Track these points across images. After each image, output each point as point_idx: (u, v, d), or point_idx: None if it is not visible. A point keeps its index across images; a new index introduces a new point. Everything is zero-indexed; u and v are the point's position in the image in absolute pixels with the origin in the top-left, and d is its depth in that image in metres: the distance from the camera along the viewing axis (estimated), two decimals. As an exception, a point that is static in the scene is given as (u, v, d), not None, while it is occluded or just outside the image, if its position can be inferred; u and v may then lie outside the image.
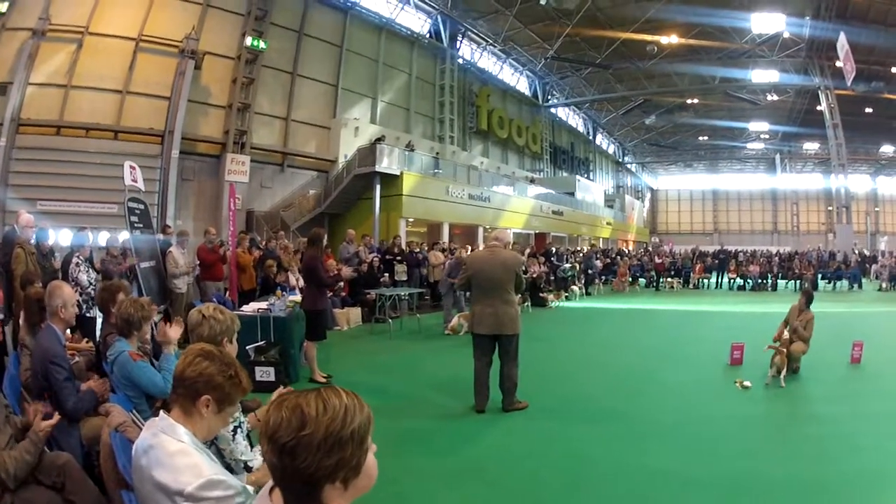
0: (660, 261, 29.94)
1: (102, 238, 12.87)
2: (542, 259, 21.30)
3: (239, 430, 2.94)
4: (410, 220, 26.03)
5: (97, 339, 5.86)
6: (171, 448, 2.20)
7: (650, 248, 44.07)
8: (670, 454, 5.80)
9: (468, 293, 8.87)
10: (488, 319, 6.96)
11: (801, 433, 6.60)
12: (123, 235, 11.76)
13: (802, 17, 34.34)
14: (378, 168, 24.36)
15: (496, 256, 7.14)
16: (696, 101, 50.33)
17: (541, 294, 19.34)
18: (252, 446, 3.02)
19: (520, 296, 8.57)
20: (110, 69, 21.33)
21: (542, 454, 5.82)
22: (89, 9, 20.78)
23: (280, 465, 1.40)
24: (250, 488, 2.28)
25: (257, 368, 7.77)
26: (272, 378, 7.69)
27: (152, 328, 4.97)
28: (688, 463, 5.57)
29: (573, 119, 55.65)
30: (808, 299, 9.60)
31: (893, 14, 32.30)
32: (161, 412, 2.40)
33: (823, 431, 6.56)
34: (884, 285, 28.05)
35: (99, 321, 6.50)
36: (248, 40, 23.74)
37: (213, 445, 2.81)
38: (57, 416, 3.38)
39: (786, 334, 9.10)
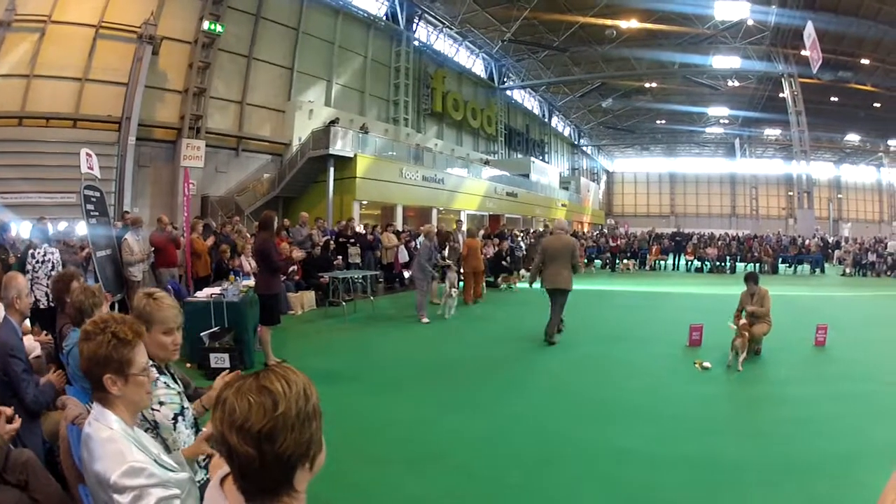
0: (615, 243, 30.52)
1: (62, 228, 12.92)
2: (497, 241, 21.49)
3: (180, 418, 2.89)
4: (364, 202, 26.74)
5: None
6: (102, 436, 2.19)
7: (605, 230, 45.24)
8: (635, 434, 6.00)
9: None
10: (555, 279, 10.45)
11: (764, 414, 6.88)
12: (81, 226, 11.75)
13: (768, 6, 35.13)
14: (332, 151, 25.16)
15: (560, 239, 10.72)
16: (654, 85, 51.48)
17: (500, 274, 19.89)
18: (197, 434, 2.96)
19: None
20: (71, 57, 21.62)
21: (505, 436, 5.96)
22: (54, -4, 21.13)
23: (259, 454, 1.35)
24: (183, 475, 2.31)
25: (212, 355, 7.87)
26: (227, 364, 7.72)
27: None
28: (653, 442, 5.75)
29: (529, 101, 56.79)
30: (754, 279, 9.98)
31: (867, 5, 33.30)
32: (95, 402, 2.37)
33: (787, 412, 6.79)
34: (848, 270, 28.99)
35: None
36: (206, 24, 24.10)
37: (160, 436, 2.80)
38: (18, 420, 3.43)
39: (743, 319, 9.31)
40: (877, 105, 46.11)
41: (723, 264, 28.44)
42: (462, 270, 16.54)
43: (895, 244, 31.25)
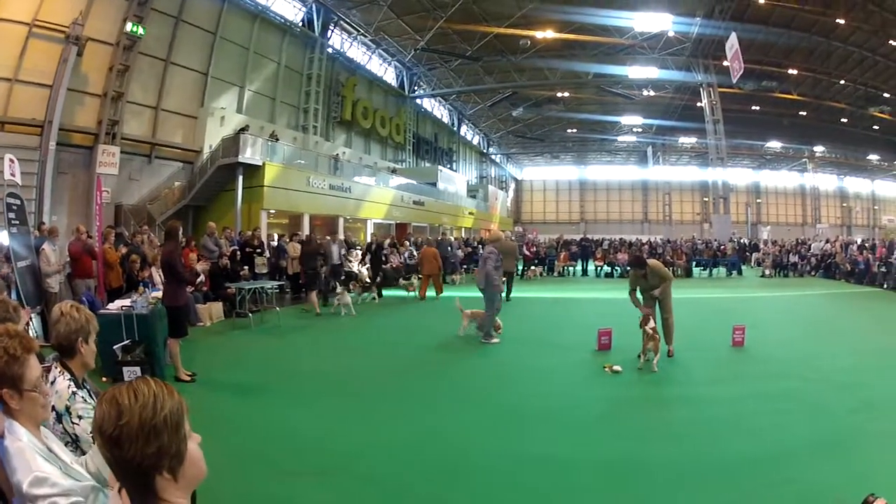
0: (530, 251, 32.05)
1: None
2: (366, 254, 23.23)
3: None
4: (272, 211, 28.30)
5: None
6: (14, 448, 2.33)
7: (513, 238, 48.33)
8: (549, 440, 6.24)
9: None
10: (507, 266, 17.45)
11: (681, 415, 7.14)
12: (4, 236, 11.78)
13: (692, 17, 37.42)
14: (241, 158, 26.41)
15: (510, 242, 20.20)
16: (566, 94, 54.86)
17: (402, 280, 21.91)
18: None
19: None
20: (3, 57, 21.85)
21: (415, 446, 6.17)
22: (-1, -9, 21.18)
23: (112, 457, 1.59)
24: (87, 483, 2.42)
25: (125, 369, 8.06)
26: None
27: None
28: (567, 448, 5.99)
29: (438, 110, 60.21)
30: (639, 263, 10.38)
31: (801, 18, 36.05)
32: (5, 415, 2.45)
33: (706, 412, 7.13)
34: (767, 272, 31.48)
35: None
36: (129, 26, 24.45)
37: (80, 449, 2.96)
38: None
39: (651, 324, 9.46)
40: (803, 113, 50.36)
41: (633, 269, 30.75)
42: (420, 273, 21.19)
43: (819, 245, 34.32)
